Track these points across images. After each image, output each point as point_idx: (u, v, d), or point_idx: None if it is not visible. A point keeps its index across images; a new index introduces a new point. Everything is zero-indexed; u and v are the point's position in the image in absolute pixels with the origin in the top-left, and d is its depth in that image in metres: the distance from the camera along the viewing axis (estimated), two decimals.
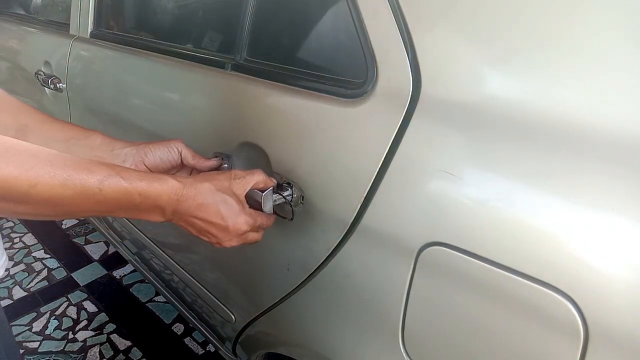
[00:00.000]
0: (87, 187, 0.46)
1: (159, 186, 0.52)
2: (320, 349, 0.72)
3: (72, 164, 0.46)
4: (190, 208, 0.55)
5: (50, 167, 0.43)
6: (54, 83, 1.29)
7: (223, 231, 0.58)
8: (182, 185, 0.54)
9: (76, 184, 0.45)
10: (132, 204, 0.51)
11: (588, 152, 0.42)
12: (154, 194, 0.52)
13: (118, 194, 0.49)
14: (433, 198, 0.50)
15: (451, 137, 0.50)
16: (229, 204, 0.57)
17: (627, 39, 0.41)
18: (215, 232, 0.58)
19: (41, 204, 0.44)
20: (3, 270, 0.66)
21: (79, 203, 0.47)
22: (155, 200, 0.52)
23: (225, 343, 1.06)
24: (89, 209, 0.48)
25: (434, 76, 0.52)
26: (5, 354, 0.71)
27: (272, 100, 0.70)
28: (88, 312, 1.67)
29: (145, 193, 0.51)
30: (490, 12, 0.48)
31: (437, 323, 0.53)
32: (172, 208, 0.54)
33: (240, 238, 0.60)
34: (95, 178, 0.47)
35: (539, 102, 0.45)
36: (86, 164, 0.47)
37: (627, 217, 0.39)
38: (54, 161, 0.44)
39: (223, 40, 0.87)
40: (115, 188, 0.48)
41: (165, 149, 0.68)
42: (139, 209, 0.52)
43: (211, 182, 0.57)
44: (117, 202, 0.49)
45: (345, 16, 0.60)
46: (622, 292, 0.39)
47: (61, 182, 0.44)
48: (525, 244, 0.44)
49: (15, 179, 0.41)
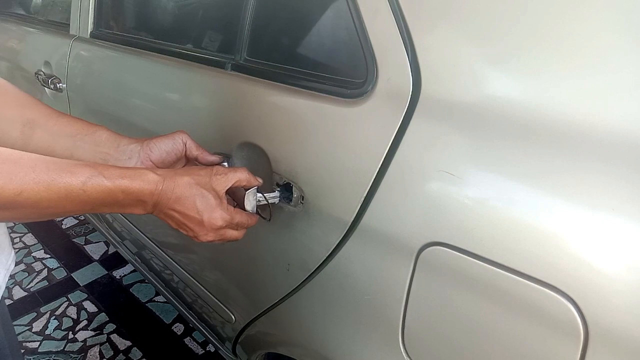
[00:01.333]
0: (71, 190, 0.47)
1: (140, 182, 0.54)
2: (320, 349, 0.72)
3: (55, 167, 0.47)
4: (169, 201, 0.56)
5: (34, 173, 0.45)
6: (54, 83, 1.29)
7: (198, 225, 0.59)
8: (162, 178, 0.56)
9: (60, 188, 0.47)
10: (115, 201, 0.52)
11: (588, 152, 0.42)
12: (136, 190, 0.53)
13: (102, 193, 0.50)
14: (433, 198, 0.50)
15: (451, 137, 0.50)
16: (205, 198, 0.58)
17: (627, 38, 0.41)
18: (191, 226, 0.59)
19: (27, 209, 0.46)
20: (12, 264, 0.67)
21: (64, 205, 0.48)
22: (137, 196, 0.54)
23: (225, 343, 1.06)
24: (73, 209, 0.50)
25: (434, 76, 0.52)
26: (9, 352, 0.71)
27: (272, 100, 0.70)
28: (88, 312, 1.67)
29: (127, 190, 0.52)
30: (491, 12, 0.48)
31: (437, 323, 0.53)
32: (153, 201, 0.56)
33: (216, 233, 0.60)
34: (79, 180, 0.48)
35: (539, 102, 0.45)
36: (69, 166, 0.48)
37: (627, 217, 0.39)
38: (36, 167, 0.45)
39: (223, 40, 0.87)
40: (99, 188, 0.50)
41: (170, 142, 0.69)
42: (122, 204, 0.54)
43: (191, 176, 0.58)
44: (101, 200, 0.51)
45: (345, 16, 0.60)
46: (622, 292, 0.39)
47: (46, 187, 0.45)
48: (525, 244, 0.44)
49: (1, 188, 0.43)
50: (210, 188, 0.59)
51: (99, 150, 0.66)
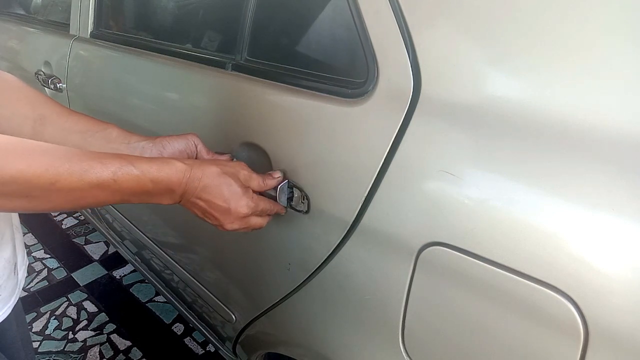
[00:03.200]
0: (103, 180, 0.49)
1: (168, 170, 0.54)
2: (320, 349, 0.72)
3: (87, 158, 0.48)
4: (196, 190, 0.57)
5: (68, 164, 0.46)
6: (54, 83, 1.29)
7: (225, 213, 0.59)
8: (190, 167, 0.56)
9: (92, 178, 0.48)
10: (145, 190, 0.53)
11: (588, 152, 0.42)
12: (165, 179, 0.54)
13: (131, 182, 0.51)
14: (433, 198, 0.51)
15: (451, 137, 0.50)
16: (232, 187, 0.59)
17: (628, 38, 0.41)
18: (217, 215, 0.60)
19: (61, 198, 0.47)
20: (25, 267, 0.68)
21: (96, 194, 0.49)
22: (167, 185, 0.54)
23: (225, 343, 1.06)
24: (105, 199, 0.51)
25: (435, 76, 0.52)
26: (21, 345, 0.72)
27: (273, 100, 0.70)
28: (88, 312, 1.67)
29: (156, 179, 0.53)
30: (491, 12, 0.48)
31: (437, 323, 0.53)
32: (181, 190, 0.56)
33: (242, 221, 0.61)
34: (109, 170, 0.49)
35: (539, 101, 0.45)
36: (99, 157, 0.50)
37: (627, 217, 0.39)
38: (70, 158, 0.47)
39: (223, 40, 0.87)
40: (129, 177, 0.51)
41: (183, 141, 0.69)
42: (151, 194, 0.54)
43: (218, 166, 0.59)
44: (131, 190, 0.52)
45: (345, 16, 0.60)
46: (622, 292, 0.39)
47: (78, 178, 0.47)
48: (525, 244, 0.44)
49: (38, 178, 0.44)
50: (237, 178, 0.60)
51: (109, 147, 0.67)
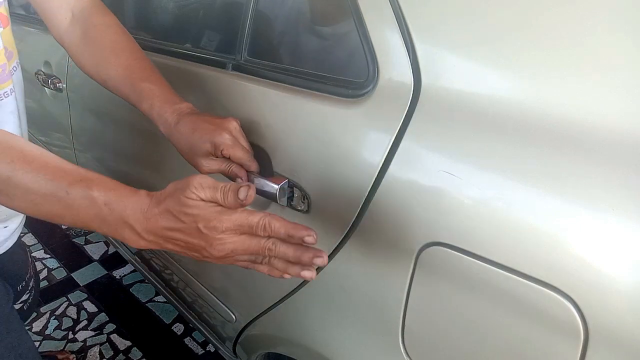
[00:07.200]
0: (57, 189, 0.46)
1: (125, 198, 0.47)
2: (320, 349, 0.72)
3: (54, 165, 0.48)
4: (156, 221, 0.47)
5: (28, 165, 0.46)
6: (54, 83, 1.29)
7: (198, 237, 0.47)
8: (151, 197, 0.48)
9: (47, 184, 0.47)
10: (100, 216, 0.47)
11: (588, 151, 0.42)
12: (119, 207, 0.46)
13: (84, 200, 0.46)
14: (433, 198, 0.51)
15: (451, 137, 0.50)
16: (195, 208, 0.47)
17: (628, 38, 0.42)
18: (192, 241, 0.47)
19: (20, 197, 0.47)
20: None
21: (51, 204, 0.47)
22: (120, 214, 0.46)
23: (225, 343, 1.06)
24: (60, 212, 0.47)
25: (435, 76, 0.52)
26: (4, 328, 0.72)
27: (273, 100, 0.70)
28: (88, 312, 1.67)
29: (110, 204, 0.46)
30: (491, 12, 0.48)
31: (437, 323, 0.53)
32: (142, 226, 0.47)
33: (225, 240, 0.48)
34: (66, 180, 0.47)
35: (539, 101, 0.45)
36: (65, 166, 0.48)
37: (627, 217, 0.39)
38: (33, 161, 0.47)
39: (224, 40, 0.87)
40: (82, 193, 0.46)
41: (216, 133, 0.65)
42: (107, 222, 0.47)
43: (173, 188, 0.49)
44: (85, 210, 0.46)
45: (346, 16, 0.60)
46: (622, 292, 0.39)
47: (33, 179, 0.46)
48: (525, 244, 0.44)
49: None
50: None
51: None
